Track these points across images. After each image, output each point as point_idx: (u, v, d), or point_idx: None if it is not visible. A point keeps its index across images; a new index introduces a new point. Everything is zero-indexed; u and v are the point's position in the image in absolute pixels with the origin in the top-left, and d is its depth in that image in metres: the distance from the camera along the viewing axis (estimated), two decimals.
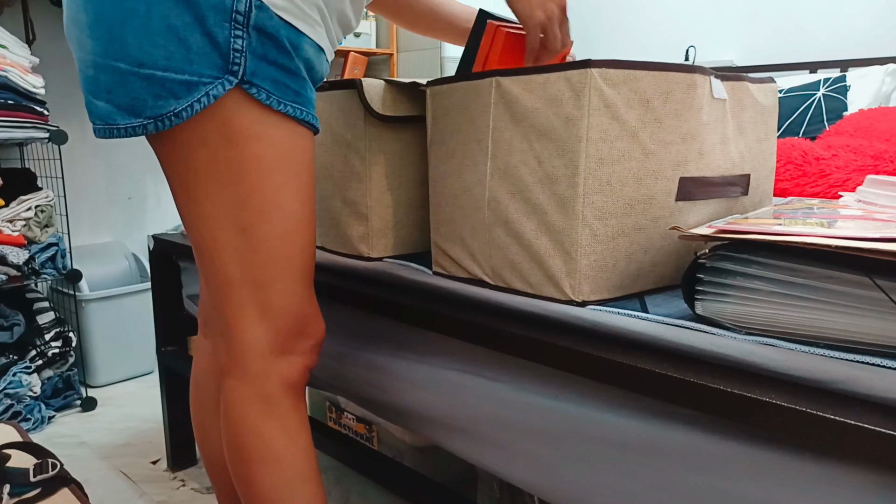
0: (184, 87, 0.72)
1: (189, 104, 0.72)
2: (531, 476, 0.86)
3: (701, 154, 0.86)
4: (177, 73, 0.71)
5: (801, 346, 0.66)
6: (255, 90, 0.74)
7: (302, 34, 0.77)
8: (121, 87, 0.72)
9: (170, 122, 0.73)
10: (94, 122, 0.77)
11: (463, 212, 0.93)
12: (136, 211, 2.57)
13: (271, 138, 0.76)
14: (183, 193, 0.79)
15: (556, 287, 0.83)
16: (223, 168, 0.76)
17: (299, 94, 0.78)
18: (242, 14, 0.72)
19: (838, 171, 1.46)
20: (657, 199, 0.83)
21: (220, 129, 0.74)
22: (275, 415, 0.83)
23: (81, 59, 0.75)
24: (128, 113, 0.73)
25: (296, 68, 0.77)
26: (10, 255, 1.86)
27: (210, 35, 0.71)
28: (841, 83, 2.10)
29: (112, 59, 0.72)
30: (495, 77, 0.86)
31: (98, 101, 0.75)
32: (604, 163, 0.79)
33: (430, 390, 0.97)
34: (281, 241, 0.79)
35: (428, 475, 1.10)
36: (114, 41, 0.71)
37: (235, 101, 0.74)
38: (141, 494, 1.58)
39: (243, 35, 0.72)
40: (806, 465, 0.62)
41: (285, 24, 0.74)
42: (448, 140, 0.94)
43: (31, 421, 1.90)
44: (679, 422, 0.71)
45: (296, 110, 0.77)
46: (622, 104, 0.78)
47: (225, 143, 0.75)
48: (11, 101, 1.84)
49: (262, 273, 0.80)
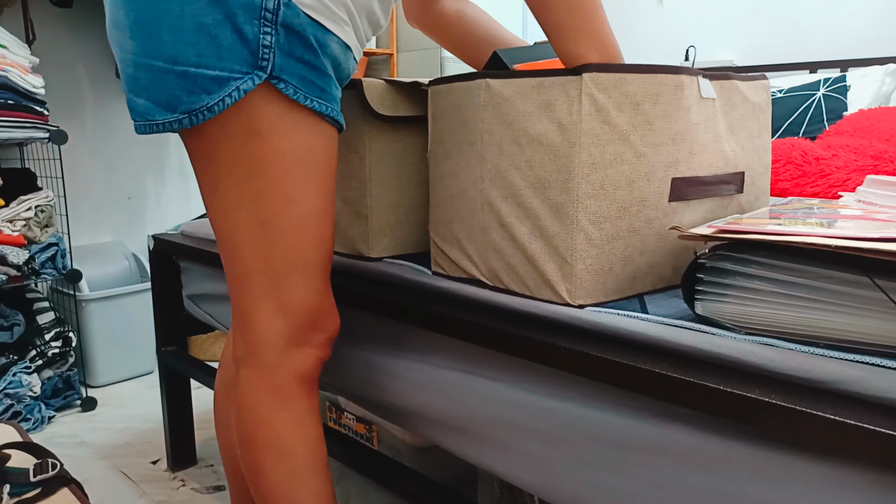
0: (215, 82, 0.74)
1: (220, 99, 0.74)
2: (531, 476, 0.86)
3: (692, 154, 0.87)
4: (208, 69, 0.74)
5: (801, 346, 0.66)
6: (283, 85, 0.76)
7: (329, 32, 0.78)
8: (158, 84, 0.75)
9: (203, 117, 0.75)
10: (134, 119, 0.79)
11: (460, 213, 0.93)
12: (136, 211, 2.57)
13: (294, 133, 0.78)
14: (207, 185, 0.81)
15: (552, 291, 0.83)
16: (245, 161, 0.78)
17: (325, 91, 0.80)
18: (271, 11, 0.73)
19: (838, 171, 1.46)
20: (650, 200, 0.84)
21: (245, 124, 0.76)
22: (287, 406, 0.84)
23: (123, 59, 0.78)
24: (164, 109, 0.76)
25: (321, 66, 0.78)
26: (10, 255, 1.86)
27: (240, 32, 0.73)
28: (841, 83, 2.10)
29: (150, 57, 0.75)
30: (486, 79, 0.86)
31: (138, 99, 0.77)
32: (596, 167, 0.79)
33: (430, 390, 0.97)
34: (299, 234, 0.81)
35: (428, 475, 1.10)
36: (151, 40, 0.74)
37: (263, 95, 0.76)
38: (141, 494, 1.58)
39: (272, 32, 0.74)
40: (806, 465, 0.62)
41: (312, 22, 0.76)
42: (445, 141, 0.95)
43: (31, 421, 1.90)
44: (679, 422, 0.71)
45: (321, 106, 0.79)
46: (613, 108, 0.78)
47: (249, 137, 0.77)
48: (11, 101, 1.84)
49: (280, 266, 0.81)
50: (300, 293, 0.83)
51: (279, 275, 0.82)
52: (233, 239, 0.81)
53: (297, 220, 0.80)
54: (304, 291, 0.83)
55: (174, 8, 0.73)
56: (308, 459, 0.85)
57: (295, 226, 0.80)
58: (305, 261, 0.82)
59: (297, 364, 0.85)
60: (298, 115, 0.78)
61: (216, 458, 1.74)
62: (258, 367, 0.84)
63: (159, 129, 0.77)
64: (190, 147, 0.81)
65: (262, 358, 0.84)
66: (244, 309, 0.84)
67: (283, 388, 0.84)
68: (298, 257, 0.82)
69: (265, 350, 0.84)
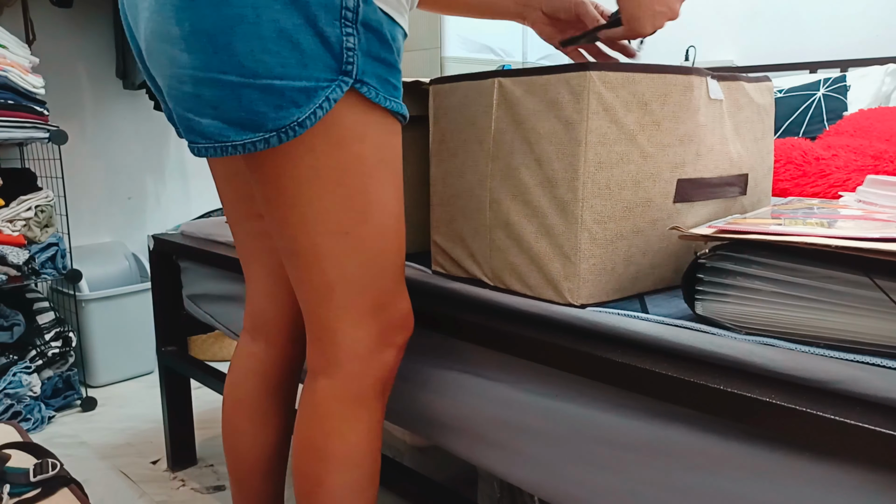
0: (303, 94, 0.67)
1: (312, 112, 0.68)
2: (531, 476, 0.86)
3: (698, 155, 0.87)
4: (294, 79, 0.67)
5: (801, 346, 0.66)
6: (366, 89, 0.71)
7: (396, 24, 0.74)
8: (233, 101, 0.67)
9: (294, 133, 0.69)
10: (195, 141, 0.71)
11: (464, 212, 0.93)
12: (136, 211, 2.57)
13: (373, 137, 0.74)
14: (281, 203, 0.75)
15: (554, 290, 0.83)
16: (326, 173, 0.72)
17: (397, 88, 0.75)
18: (352, 10, 0.68)
19: (838, 171, 1.46)
20: (655, 201, 0.83)
21: (327, 133, 0.71)
22: (362, 416, 0.83)
23: (174, 76, 0.70)
24: (243, 128, 0.68)
25: (394, 61, 0.74)
26: (10, 255, 1.86)
27: (322, 35, 0.67)
28: (841, 83, 2.10)
29: (217, 71, 0.67)
30: (498, 78, 0.86)
31: (203, 119, 0.70)
32: (602, 166, 0.79)
33: (430, 390, 0.97)
34: (380, 240, 0.78)
35: (428, 475, 1.10)
36: (219, 52, 0.66)
37: (346, 102, 0.70)
38: (141, 494, 1.58)
39: (354, 32, 0.68)
40: (806, 465, 0.62)
41: (386, 16, 0.72)
42: (449, 140, 0.94)
43: (31, 421, 1.90)
44: (679, 422, 0.71)
45: (397, 105, 0.75)
46: (620, 107, 0.78)
47: (330, 147, 0.71)
48: (11, 101, 1.84)
49: (363, 274, 0.78)
50: (382, 298, 0.81)
51: (363, 284, 0.78)
52: (313, 253, 0.76)
53: (379, 226, 0.77)
54: (387, 296, 0.81)
55: (248, 13, 0.64)
56: (370, 471, 0.84)
57: (377, 232, 0.77)
58: (386, 265, 0.80)
59: (379, 369, 0.83)
60: (377, 117, 0.74)
61: (216, 458, 1.74)
62: (340, 377, 0.81)
63: (237, 151, 0.69)
64: (259, 166, 0.74)
65: (344, 368, 0.81)
66: (325, 322, 0.80)
67: (363, 397, 0.82)
68: (380, 263, 0.79)
69: (348, 360, 0.81)
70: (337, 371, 0.82)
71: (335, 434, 0.82)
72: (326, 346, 0.81)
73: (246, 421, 1.01)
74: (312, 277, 0.78)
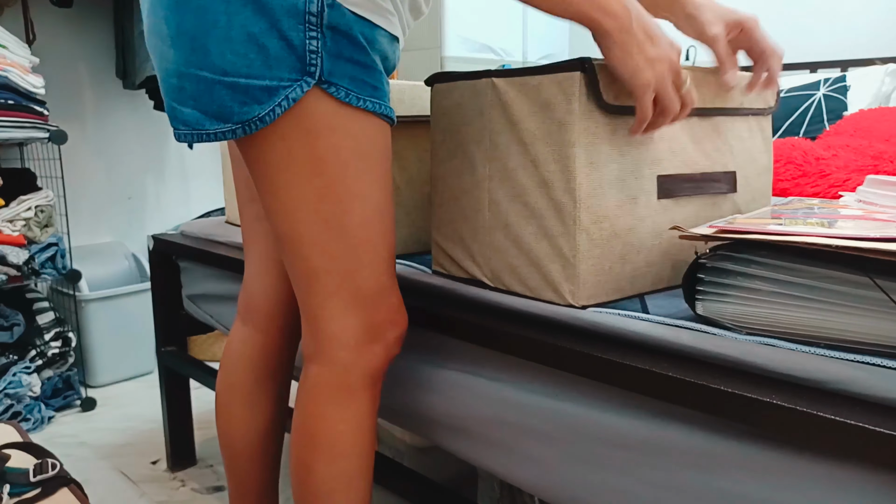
0: (265, 92, 0.73)
1: (271, 109, 0.74)
2: (531, 476, 0.86)
3: (673, 152, 0.87)
4: (258, 79, 0.73)
5: (801, 346, 0.66)
6: (334, 89, 0.75)
7: (376, 27, 0.77)
8: (207, 95, 0.74)
9: (255, 127, 0.74)
10: (178, 127, 0.78)
11: (463, 213, 0.93)
12: (136, 211, 2.57)
13: (348, 129, 0.77)
14: (266, 189, 0.80)
15: (555, 292, 0.83)
16: (301, 161, 0.77)
17: (376, 89, 0.78)
18: (315, 15, 0.72)
19: (838, 171, 1.46)
20: (640, 198, 0.84)
21: (297, 124, 0.75)
22: (351, 406, 0.84)
23: (164, 69, 0.77)
24: (216, 119, 0.75)
25: (372, 62, 0.77)
26: (10, 255, 1.86)
27: (286, 39, 0.72)
28: (841, 83, 2.10)
29: (196, 68, 0.73)
30: (492, 78, 0.86)
31: (184, 108, 0.76)
32: (594, 166, 0.79)
33: (430, 390, 0.97)
34: (363, 229, 0.80)
35: (428, 475, 1.10)
36: (196, 51, 0.73)
37: (314, 99, 0.75)
38: (141, 494, 1.58)
39: (318, 35, 0.73)
40: (806, 465, 0.62)
41: (358, 19, 0.74)
42: (448, 140, 0.94)
43: (31, 421, 1.90)
44: (679, 422, 0.71)
45: (374, 105, 0.78)
46: (603, 107, 0.79)
47: (303, 136, 0.76)
48: (11, 101, 1.84)
49: (346, 263, 0.81)
50: (369, 289, 0.82)
51: (346, 272, 0.81)
52: (296, 239, 0.80)
53: (360, 216, 0.80)
54: (372, 287, 0.83)
55: (221, 19, 0.71)
56: (359, 462, 0.85)
57: (358, 221, 0.80)
58: (370, 256, 0.82)
59: (367, 362, 0.84)
60: (351, 114, 0.77)
61: (216, 458, 1.74)
62: (328, 364, 0.84)
63: (211, 139, 0.76)
64: (243, 150, 0.80)
65: (333, 356, 0.83)
66: (313, 309, 0.83)
67: (351, 387, 0.84)
68: (364, 253, 0.81)
69: (337, 348, 0.83)
70: (326, 359, 0.84)
71: (323, 422, 0.84)
72: (317, 332, 0.84)
73: (238, 406, 1.02)
74: (298, 262, 0.82)
